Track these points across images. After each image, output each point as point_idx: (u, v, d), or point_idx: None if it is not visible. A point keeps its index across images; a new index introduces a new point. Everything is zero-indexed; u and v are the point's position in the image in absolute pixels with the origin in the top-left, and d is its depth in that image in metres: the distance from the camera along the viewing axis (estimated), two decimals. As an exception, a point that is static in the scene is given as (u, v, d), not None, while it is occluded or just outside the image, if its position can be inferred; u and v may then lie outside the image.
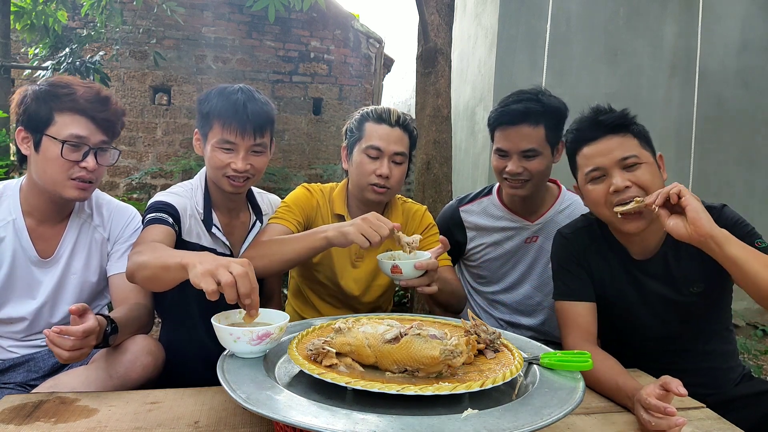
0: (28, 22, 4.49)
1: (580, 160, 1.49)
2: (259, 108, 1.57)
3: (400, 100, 8.59)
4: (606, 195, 1.42)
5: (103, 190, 1.72)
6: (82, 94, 1.44)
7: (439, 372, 1.01)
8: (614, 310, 1.55)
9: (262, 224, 1.76)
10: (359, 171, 1.74)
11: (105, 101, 1.48)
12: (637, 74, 4.87)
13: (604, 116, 1.46)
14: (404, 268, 1.46)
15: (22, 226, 1.51)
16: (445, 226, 2.05)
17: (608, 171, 1.42)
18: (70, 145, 1.43)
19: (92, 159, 1.46)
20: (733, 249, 1.23)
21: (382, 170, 1.70)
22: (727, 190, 4.98)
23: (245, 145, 1.56)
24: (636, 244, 1.51)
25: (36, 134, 1.44)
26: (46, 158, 1.44)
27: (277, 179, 5.75)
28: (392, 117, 1.73)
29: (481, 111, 5.01)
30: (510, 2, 4.65)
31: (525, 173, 1.79)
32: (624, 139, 1.43)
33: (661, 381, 1.12)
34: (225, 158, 1.56)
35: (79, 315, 1.22)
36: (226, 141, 1.55)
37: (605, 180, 1.43)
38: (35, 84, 1.48)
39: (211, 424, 1.09)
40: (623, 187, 1.39)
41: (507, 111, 1.78)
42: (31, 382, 1.49)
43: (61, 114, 1.43)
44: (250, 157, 1.58)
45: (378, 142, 1.71)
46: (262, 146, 1.61)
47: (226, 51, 5.99)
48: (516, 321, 2.01)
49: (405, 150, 1.75)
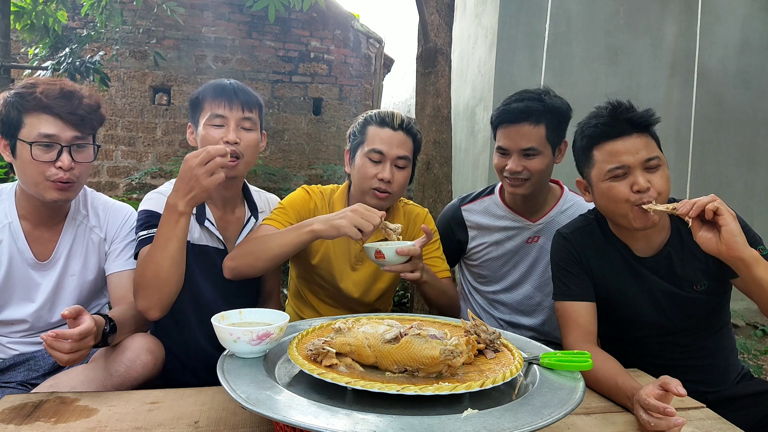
0: (28, 22, 4.49)
1: (600, 155, 1.45)
2: (245, 89, 1.67)
3: (400, 100, 8.59)
4: (629, 193, 1.40)
5: (102, 191, 1.72)
6: (42, 91, 1.40)
7: (439, 372, 1.01)
8: (617, 307, 1.55)
9: (257, 221, 1.76)
10: (361, 175, 1.72)
11: (69, 96, 1.43)
12: (636, 74, 4.87)
13: (632, 114, 1.43)
14: (387, 253, 1.50)
15: (19, 230, 1.50)
16: (446, 224, 2.05)
17: (631, 170, 1.40)
18: (40, 145, 1.40)
19: (67, 157, 1.42)
20: (760, 271, 1.24)
21: (384, 174, 1.68)
22: (727, 190, 4.98)
23: (234, 117, 1.60)
24: (640, 241, 1.51)
25: (11, 140, 1.43)
26: (22, 162, 1.42)
27: (277, 179, 5.76)
28: (395, 121, 1.71)
29: (481, 111, 5.01)
30: (510, 2, 4.65)
31: (525, 172, 1.79)
32: (648, 139, 1.42)
33: (660, 381, 1.12)
34: (216, 133, 1.60)
35: (74, 318, 1.21)
36: (217, 115, 1.60)
37: (626, 178, 1.41)
38: (8, 90, 1.46)
39: (211, 424, 1.09)
40: (646, 188, 1.38)
41: (508, 109, 1.79)
42: (31, 381, 1.50)
43: (28, 115, 1.41)
44: (240, 132, 1.61)
45: (380, 146, 1.69)
46: (252, 122, 1.64)
47: (226, 51, 5.99)
48: (516, 321, 2.01)
49: (408, 154, 1.73)
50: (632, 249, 1.53)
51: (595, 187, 1.49)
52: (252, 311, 1.22)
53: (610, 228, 1.56)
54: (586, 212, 1.66)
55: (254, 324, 1.18)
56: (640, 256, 1.52)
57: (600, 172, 1.45)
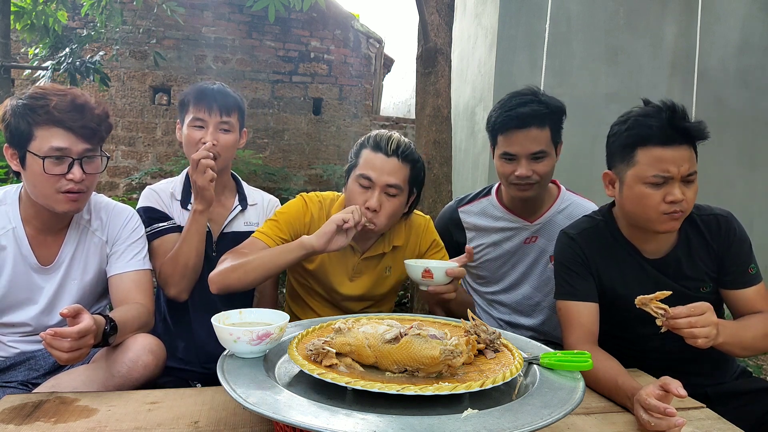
0: (28, 22, 4.49)
1: (645, 157, 1.40)
2: (226, 93, 1.83)
3: (400, 100, 8.59)
4: (661, 202, 1.39)
5: (102, 191, 1.73)
6: (55, 105, 1.39)
7: (439, 372, 1.01)
8: (626, 308, 1.54)
9: (245, 210, 1.91)
10: (349, 200, 1.66)
11: (81, 108, 1.42)
12: (636, 74, 4.87)
13: (688, 124, 1.40)
14: (436, 273, 1.43)
15: (22, 235, 1.50)
16: (444, 226, 2.04)
17: (672, 181, 1.38)
18: (52, 159, 1.39)
19: (78, 170, 1.42)
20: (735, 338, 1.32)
21: (370, 203, 1.58)
22: (727, 190, 4.98)
23: (213, 122, 1.78)
24: (651, 243, 1.52)
25: (20, 150, 1.42)
26: (33, 174, 1.41)
27: (277, 179, 5.75)
28: (390, 146, 1.60)
29: (481, 111, 5.01)
30: (510, 2, 4.65)
31: (534, 176, 1.77)
32: (692, 152, 1.41)
33: (660, 381, 1.12)
34: (197, 134, 1.79)
35: (73, 316, 1.21)
36: (197, 119, 1.79)
37: (663, 187, 1.39)
38: (16, 98, 1.44)
39: (211, 424, 1.09)
40: (680, 200, 1.38)
41: (514, 115, 1.74)
42: (32, 381, 1.50)
43: (39, 128, 1.39)
44: (218, 134, 1.79)
45: (370, 172, 1.60)
46: (229, 125, 1.81)
47: (226, 51, 5.99)
48: (515, 321, 2.01)
49: (400, 183, 1.61)
50: (641, 250, 1.53)
51: (628, 187, 1.45)
52: (252, 311, 1.22)
53: (620, 229, 1.56)
54: (592, 213, 1.65)
55: (254, 324, 1.18)
56: (650, 257, 1.52)
57: (640, 175, 1.41)
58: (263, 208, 1.96)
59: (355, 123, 6.35)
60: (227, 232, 1.86)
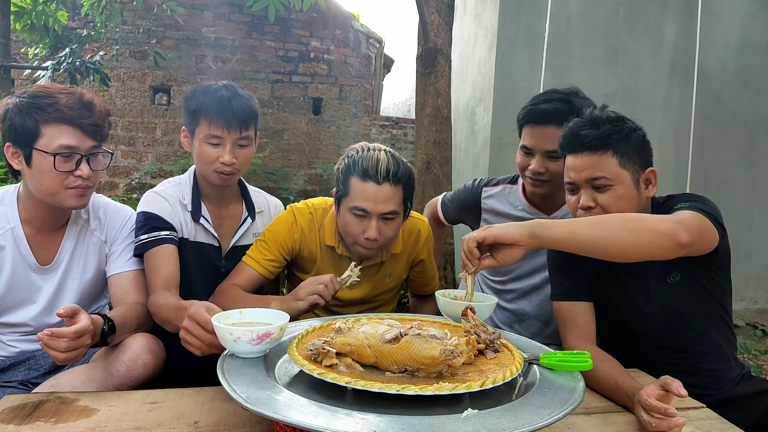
0: (28, 22, 4.49)
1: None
2: (243, 104, 1.63)
3: (400, 100, 8.60)
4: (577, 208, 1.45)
5: (102, 190, 1.74)
6: (65, 103, 1.41)
7: (439, 372, 1.01)
8: (613, 310, 1.55)
9: (254, 221, 1.82)
10: (346, 231, 1.62)
11: (89, 106, 1.45)
12: (636, 74, 4.87)
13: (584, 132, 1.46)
14: (480, 312, 1.28)
15: (21, 235, 1.50)
16: (460, 206, 2.06)
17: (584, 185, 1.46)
18: (62, 156, 1.41)
19: (86, 166, 1.45)
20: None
21: (369, 233, 1.56)
22: (727, 190, 4.98)
23: (231, 139, 1.62)
24: None
25: (25, 149, 1.42)
26: (40, 172, 1.42)
27: (276, 179, 5.76)
28: (380, 173, 1.53)
29: (481, 111, 5.01)
30: (510, 2, 4.65)
31: (546, 174, 1.77)
32: (596, 158, 1.46)
33: (661, 381, 1.12)
34: (213, 152, 1.63)
35: (70, 316, 1.21)
36: (213, 136, 1.62)
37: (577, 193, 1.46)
38: (16, 96, 1.44)
39: (211, 424, 1.09)
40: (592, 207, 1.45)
41: (535, 110, 1.77)
42: (32, 381, 1.50)
43: (47, 125, 1.40)
44: (236, 150, 1.65)
45: (364, 203, 1.54)
46: (247, 139, 1.67)
47: (226, 51, 6.00)
48: (521, 309, 1.99)
49: (396, 207, 1.58)
50: None
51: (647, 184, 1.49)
52: (252, 311, 1.22)
53: None
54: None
55: (254, 324, 1.18)
56: None
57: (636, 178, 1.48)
58: (270, 216, 1.89)
59: (355, 123, 6.35)
60: (238, 245, 1.79)
